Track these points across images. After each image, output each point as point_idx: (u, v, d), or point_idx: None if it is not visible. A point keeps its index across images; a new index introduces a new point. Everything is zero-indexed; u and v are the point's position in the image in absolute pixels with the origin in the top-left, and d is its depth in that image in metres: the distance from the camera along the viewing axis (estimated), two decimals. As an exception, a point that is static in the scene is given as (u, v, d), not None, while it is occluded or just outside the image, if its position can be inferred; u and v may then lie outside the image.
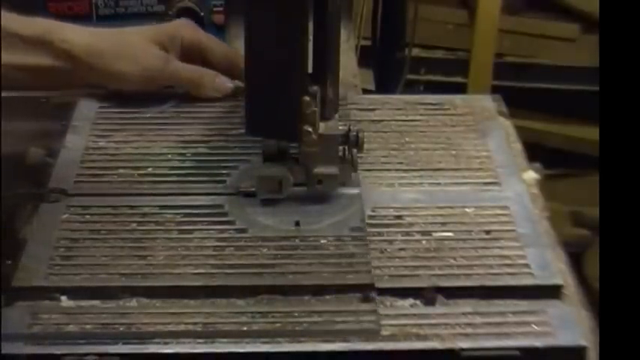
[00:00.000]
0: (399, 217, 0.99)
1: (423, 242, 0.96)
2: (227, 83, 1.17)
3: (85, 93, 1.17)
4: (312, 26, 0.98)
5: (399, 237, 0.96)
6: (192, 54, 1.17)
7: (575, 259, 0.99)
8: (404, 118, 1.15)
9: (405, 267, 0.93)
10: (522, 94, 2.42)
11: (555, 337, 0.86)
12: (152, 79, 1.15)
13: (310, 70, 0.98)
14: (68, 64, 1.12)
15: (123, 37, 1.16)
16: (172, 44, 1.16)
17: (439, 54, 2.57)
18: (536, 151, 1.16)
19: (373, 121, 1.14)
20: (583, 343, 0.86)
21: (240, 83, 1.15)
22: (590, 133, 2.38)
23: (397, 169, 1.06)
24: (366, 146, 1.01)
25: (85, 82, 1.16)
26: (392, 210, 1.00)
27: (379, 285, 0.90)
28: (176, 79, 1.16)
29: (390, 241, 0.96)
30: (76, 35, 1.13)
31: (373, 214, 0.99)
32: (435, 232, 0.97)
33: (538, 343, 0.85)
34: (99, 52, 1.13)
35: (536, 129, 2.45)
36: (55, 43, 1.12)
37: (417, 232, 0.97)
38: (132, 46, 1.14)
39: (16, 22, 1.13)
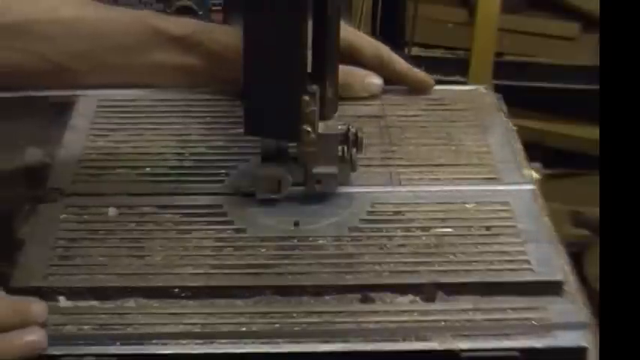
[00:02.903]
0: (398, 212, 0.99)
1: (423, 238, 0.96)
2: (376, 82, 1.15)
3: (219, 90, 1.16)
4: (312, 25, 0.97)
5: (399, 233, 0.96)
6: (341, 53, 1.13)
7: (575, 259, 0.99)
8: (404, 114, 1.15)
9: (405, 263, 0.92)
10: (522, 93, 2.41)
11: (555, 336, 0.86)
12: None
13: (310, 70, 0.98)
14: (215, 64, 1.12)
15: None
16: None
17: (439, 53, 2.56)
18: (536, 150, 1.15)
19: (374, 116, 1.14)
20: (583, 343, 0.85)
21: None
22: (591, 132, 2.37)
23: (397, 165, 1.06)
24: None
25: (227, 81, 1.14)
26: (391, 206, 1.00)
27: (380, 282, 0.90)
28: None
29: (390, 237, 0.96)
30: (224, 36, 1.13)
31: (372, 209, 0.99)
32: (435, 227, 0.97)
33: (538, 343, 0.85)
34: None
35: (536, 128, 2.44)
36: (205, 43, 1.12)
37: (417, 227, 0.97)
38: None
39: (165, 21, 1.13)
